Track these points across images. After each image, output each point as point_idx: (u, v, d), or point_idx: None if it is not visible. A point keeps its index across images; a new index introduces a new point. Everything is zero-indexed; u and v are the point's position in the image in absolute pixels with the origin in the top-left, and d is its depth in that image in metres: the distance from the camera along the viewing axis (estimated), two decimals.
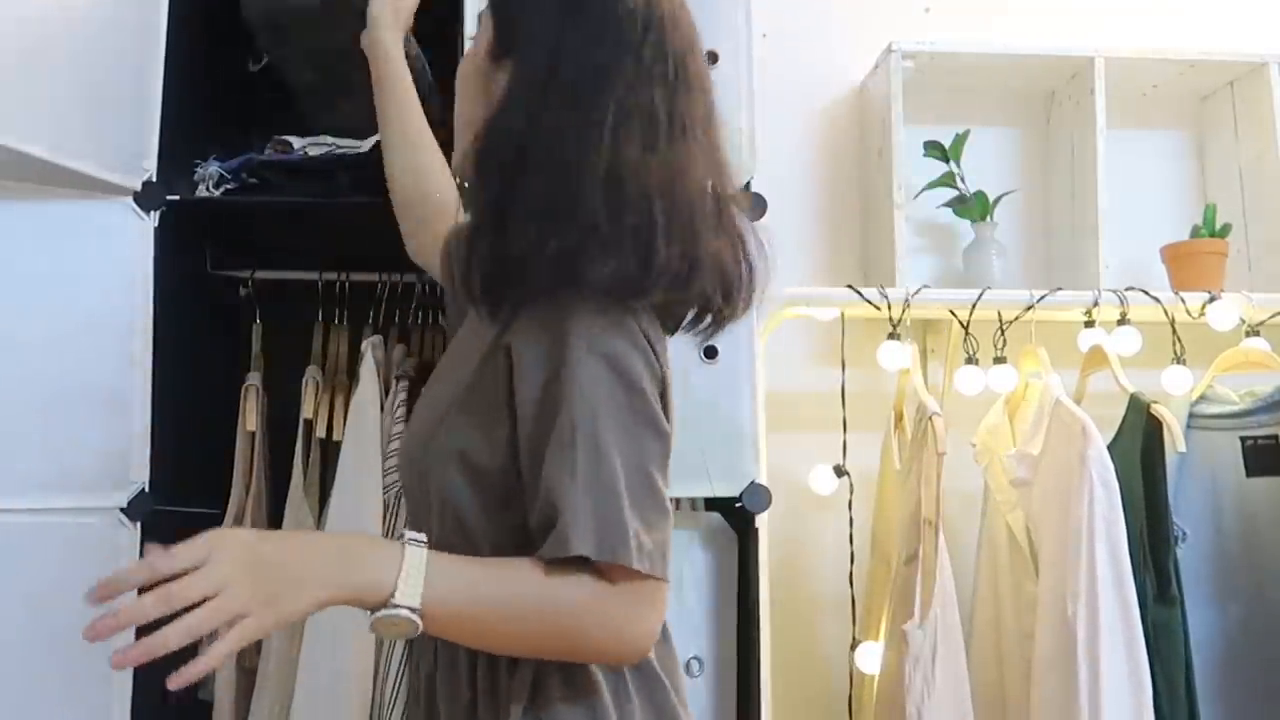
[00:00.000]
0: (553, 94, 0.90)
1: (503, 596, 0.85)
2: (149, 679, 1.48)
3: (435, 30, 1.62)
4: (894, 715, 1.52)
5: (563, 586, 0.84)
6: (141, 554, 1.48)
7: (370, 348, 1.71)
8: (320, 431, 1.74)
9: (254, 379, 1.76)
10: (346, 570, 0.82)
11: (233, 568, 0.80)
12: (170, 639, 0.78)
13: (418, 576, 0.81)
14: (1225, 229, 1.87)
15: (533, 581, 0.84)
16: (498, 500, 0.92)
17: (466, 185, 0.98)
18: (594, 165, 0.87)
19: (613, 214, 0.86)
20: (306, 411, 1.74)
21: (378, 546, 0.85)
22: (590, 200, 0.86)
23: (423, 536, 0.85)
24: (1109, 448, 1.61)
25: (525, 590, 0.84)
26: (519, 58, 0.93)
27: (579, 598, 0.84)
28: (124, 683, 1.45)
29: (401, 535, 0.84)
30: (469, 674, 0.94)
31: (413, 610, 0.81)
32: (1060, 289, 1.74)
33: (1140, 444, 1.57)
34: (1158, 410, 1.55)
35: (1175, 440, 1.53)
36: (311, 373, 1.77)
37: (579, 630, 0.86)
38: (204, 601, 0.79)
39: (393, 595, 0.80)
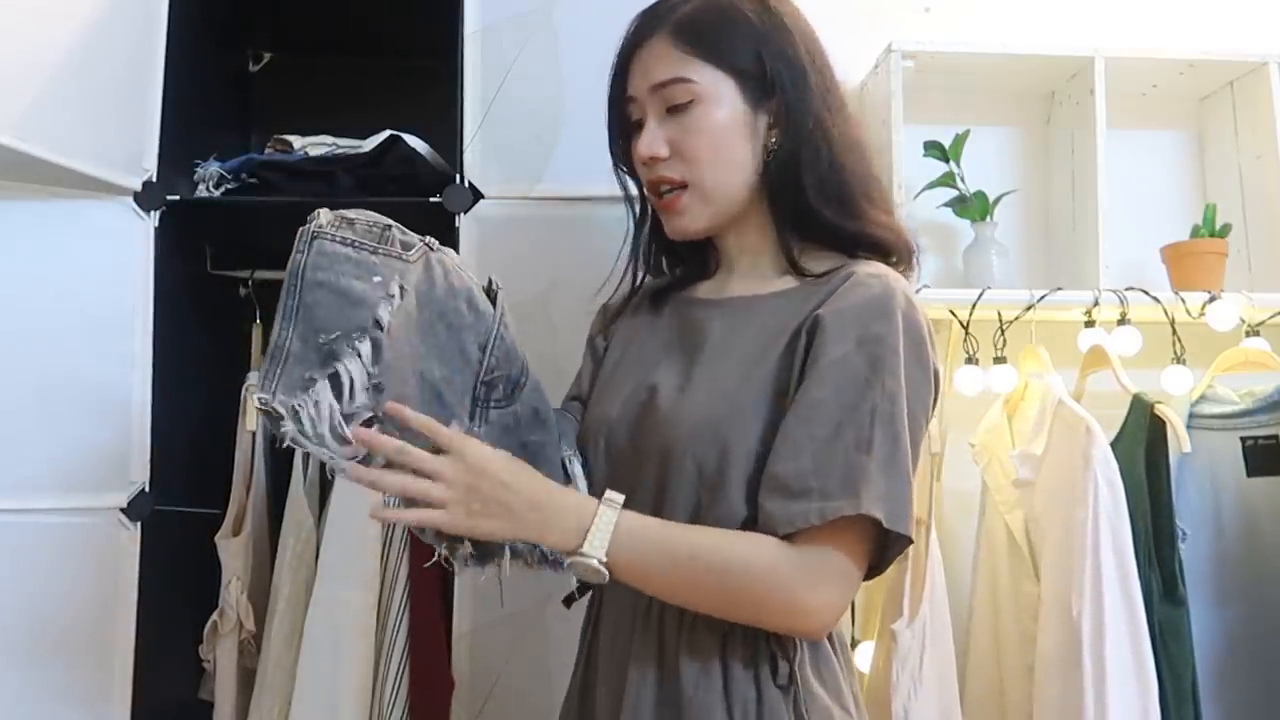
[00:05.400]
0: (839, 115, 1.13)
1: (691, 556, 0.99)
2: (149, 679, 1.48)
3: (434, 30, 1.63)
4: (881, 714, 1.52)
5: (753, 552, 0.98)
6: (142, 554, 1.49)
7: None
8: None
9: (254, 379, 1.76)
10: (544, 521, 0.98)
11: (460, 470, 0.95)
12: (382, 479, 0.95)
13: (604, 534, 0.97)
14: (1225, 229, 1.87)
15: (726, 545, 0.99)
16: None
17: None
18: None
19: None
20: None
21: (580, 506, 0.99)
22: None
23: (620, 497, 0.99)
24: (1110, 447, 1.61)
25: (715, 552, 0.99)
26: (791, 98, 1.10)
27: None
28: (124, 683, 1.45)
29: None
30: (721, 639, 1.03)
31: (600, 561, 0.97)
32: (1060, 289, 1.73)
33: (1144, 444, 1.57)
34: (1162, 410, 1.55)
35: (1181, 441, 1.52)
36: None
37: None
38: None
39: (580, 547, 0.97)
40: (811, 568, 0.98)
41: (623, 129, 1.16)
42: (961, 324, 1.71)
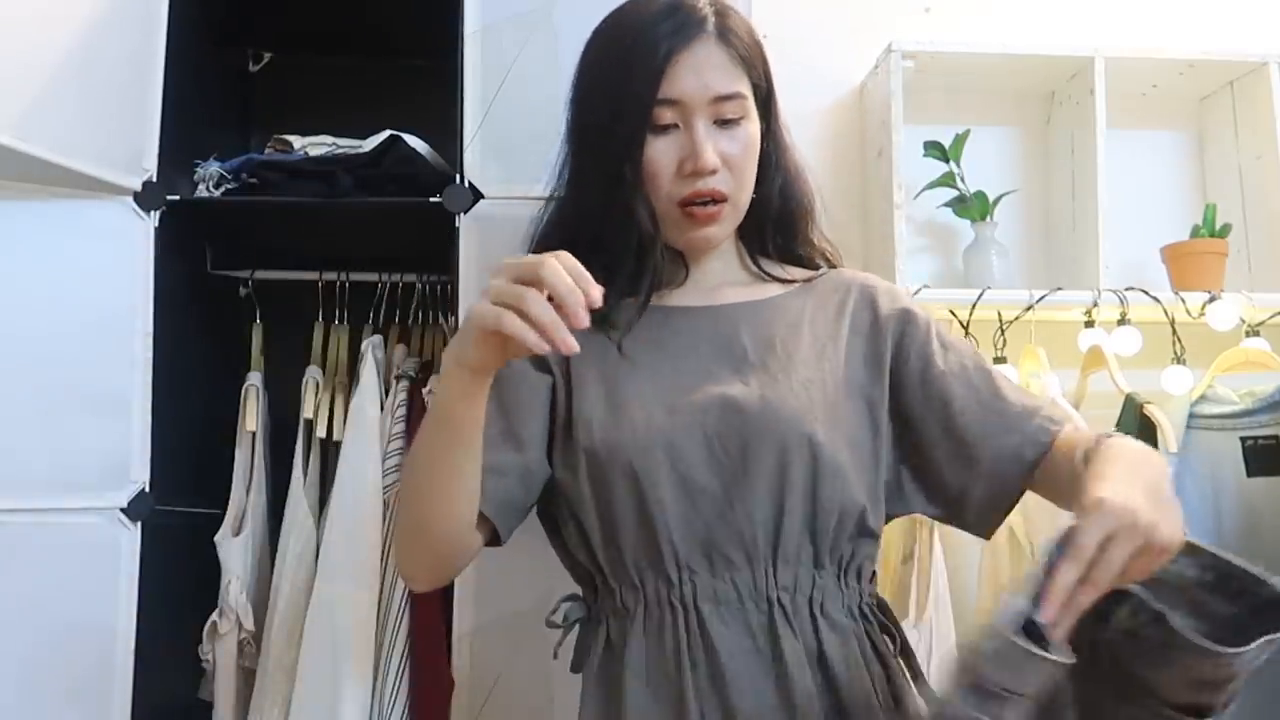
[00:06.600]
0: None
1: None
2: (149, 679, 1.48)
3: (434, 30, 1.63)
4: None
5: None
6: (142, 554, 1.49)
7: (370, 348, 1.71)
8: (320, 431, 1.74)
9: (254, 379, 1.76)
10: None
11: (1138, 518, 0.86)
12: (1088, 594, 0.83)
13: None
14: (1225, 229, 1.88)
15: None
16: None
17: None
18: None
19: None
20: (306, 411, 1.74)
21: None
22: None
23: None
24: None
25: None
26: (773, 121, 1.17)
27: None
28: (124, 683, 1.45)
29: None
30: (848, 614, 1.05)
31: None
32: (1060, 289, 1.74)
33: None
34: (1150, 411, 1.55)
35: (1167, 441, 1.53)
36: (311, 373, 1.77)
37: None
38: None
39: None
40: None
41: (639, 130, 1.08)
42: (961, 324, 1.71)
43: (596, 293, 0.87)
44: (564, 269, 0.86)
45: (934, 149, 1.90)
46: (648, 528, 1.04)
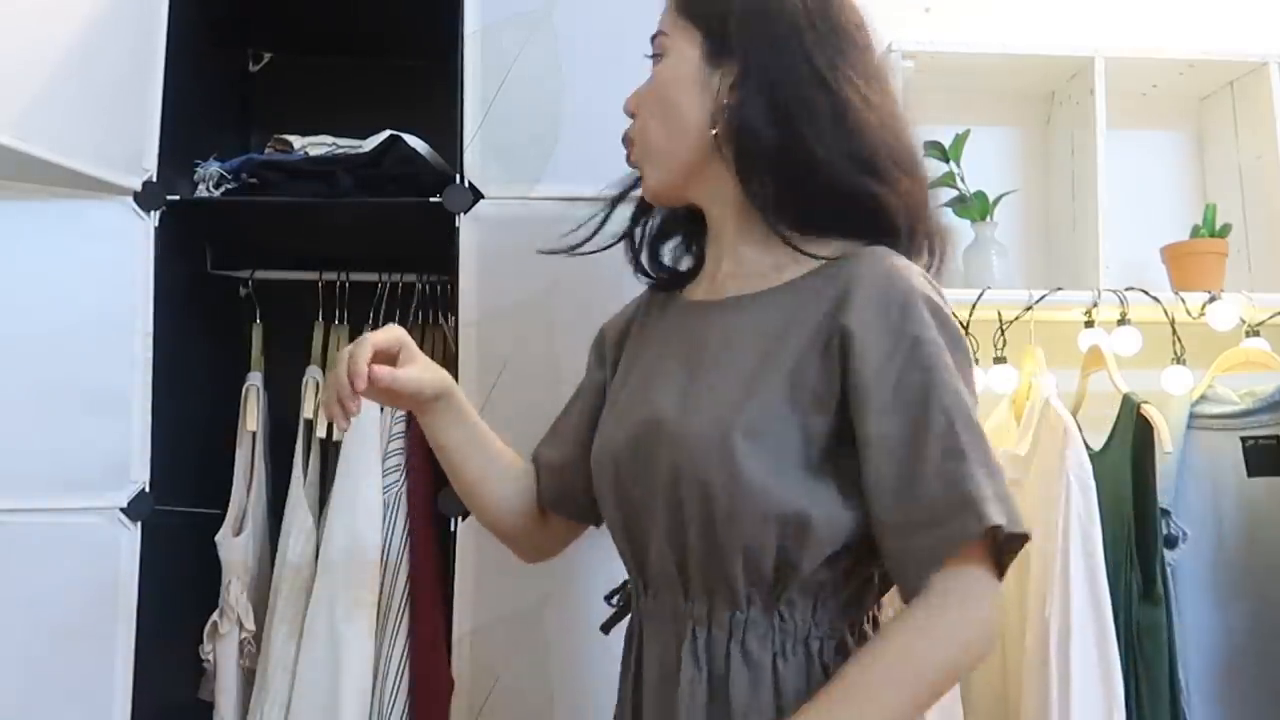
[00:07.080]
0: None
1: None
2: (149, 679, 1.48)
3: (434, 30, 1.63)
4: None
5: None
6: (142, 554, 1.49)
7: None
8: (320, 431, 1.74)
9: (254, 379, 1.76)
10: None
11: None
12: None
13: None
14: (1225, 229, 1.88)
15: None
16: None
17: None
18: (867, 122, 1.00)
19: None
20: (306, 411, 1.74)
21: None
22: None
23: None
24: (1103, 448, 1.61)
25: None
26: (757, 57, 1.00)
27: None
28: (124, 683, 1.45)
29: None
30: (772, 652, 0.96)
31: None
32: (1060, 289, 1.74)
33: (1131, 444, 1.57)
34: (1147, 411, 1.55)
35: (1163, 441, 1.53)
36: (311, 373, 1.77)
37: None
38: None
39: None
40: (958, 604, 0.90)
41: None
42: (961, 324, 1.71)
43: (360, 382, 1.03)
44: (345, 361, 1.03)
45: (934, 149, 1.90)
46: (613, 535, 1.08)
